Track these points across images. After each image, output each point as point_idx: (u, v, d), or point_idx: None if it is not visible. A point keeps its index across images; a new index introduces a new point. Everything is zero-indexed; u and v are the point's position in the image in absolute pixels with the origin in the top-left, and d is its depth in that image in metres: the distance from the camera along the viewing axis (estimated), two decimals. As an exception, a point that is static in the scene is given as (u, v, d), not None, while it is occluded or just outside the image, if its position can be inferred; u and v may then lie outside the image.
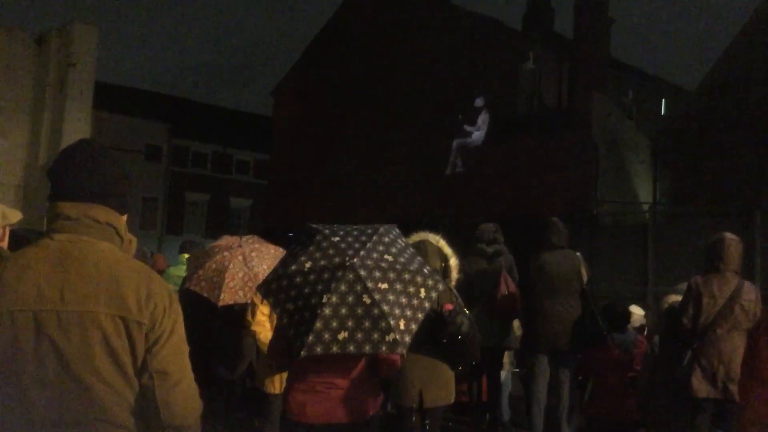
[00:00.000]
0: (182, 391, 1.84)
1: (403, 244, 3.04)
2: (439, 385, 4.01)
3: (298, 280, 2.84)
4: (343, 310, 2.72)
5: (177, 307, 1.87)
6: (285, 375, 3.46)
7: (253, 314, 4.73)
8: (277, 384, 4.60)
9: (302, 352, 2.69)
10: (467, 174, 18.33)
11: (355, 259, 2.81)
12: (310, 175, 23.98)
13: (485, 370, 6.27)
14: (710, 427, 4.63)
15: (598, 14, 20.44)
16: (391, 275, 2.81)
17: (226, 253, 5.06)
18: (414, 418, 4.06)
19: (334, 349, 2.71)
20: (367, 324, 2.73)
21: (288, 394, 3.14)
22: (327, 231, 2.97)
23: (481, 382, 6.38)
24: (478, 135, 18.19)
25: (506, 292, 5.95)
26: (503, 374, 6.71)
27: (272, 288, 2.91)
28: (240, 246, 5.14)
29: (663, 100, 25.25)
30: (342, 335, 2.71)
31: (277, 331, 3.23)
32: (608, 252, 13.22)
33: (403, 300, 2.78)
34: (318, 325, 2.68)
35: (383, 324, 2.70)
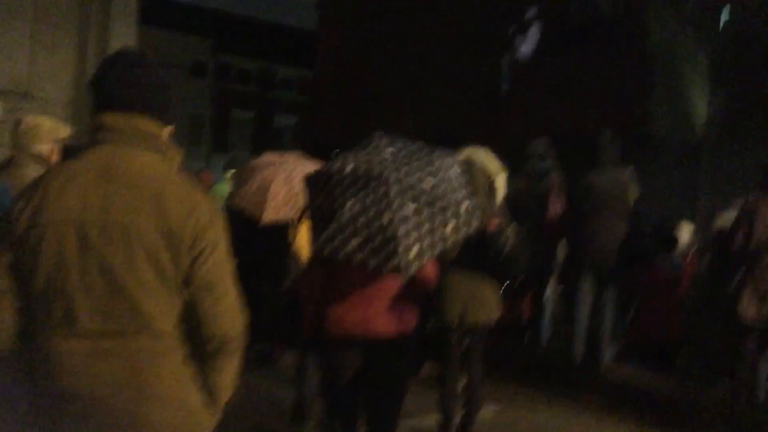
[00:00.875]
0: (227, 304, 1.84)
1: (453, 174, 2.94)
2: (482, 302, 4.00)
3: (335, 179, 2.85)
4: (362, 219, 2.72)
5: (220, 222, 1.86)
6: None
7: (296, 233, 4.76)
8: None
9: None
10: (516, 90, 17.89)
11: (393, 174, 2.77)
12: (355, 92, 23.72)
13: (529, 289, 6.26)
14: (757, 351, 4.57)
15: None
16: (423, 199, 2.76)
17: (269, 171, 5.05)
18: (456, 336, 4.08)
19: (342, 254, 2.74)
20: (378, 240, 2.71)
21: (324, 309, 3.14)
22: (384, 141, 2.94)
23: (524, 302, 6.38)
24: (528, 48, 17.63)
25: (556, 212, 5.87)
26: (546, 292, 6.69)
27: (313, 181, 2.95)
28: (283, 163, 5.13)
29: (724, 10, 23.92)
30: (352, 244, 2.72)
31: (313, 262, 3.26)
32: (660, 168, 12.88)
33: (425, 228, 2.74)
34: (333, 227, 2.71)
35: (393, 246, 2.69)
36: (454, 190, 2.88)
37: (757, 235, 4.43)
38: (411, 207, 2.74)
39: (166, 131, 1.91)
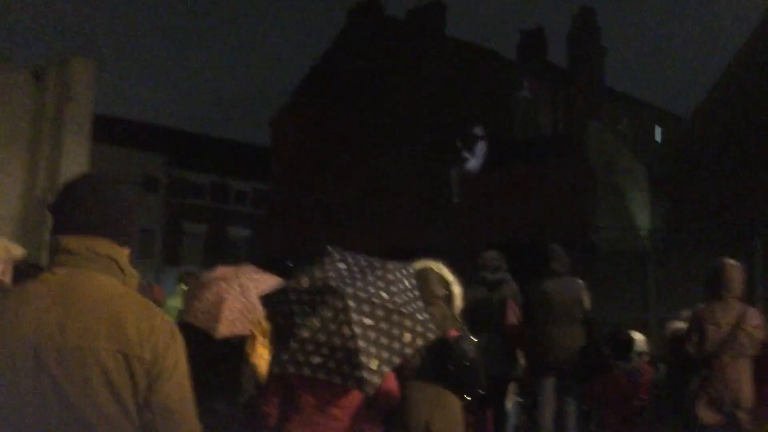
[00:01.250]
0: (186, 427, 1.79)
1: (408, 285, 2.99)
2: (446, 415, 3.91)
3: (292, 296, 2.86)
4: (322, 337, 2.72)
5: (180, 342, 1.83)
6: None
7: (253, 346, 4.65)
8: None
9: (274, 368, 2.74)
10: (465, 202, 18.34)
11: (348, 288, 2.79)
12: (309, 204, 23.99)
13: (491, 400, 6.17)
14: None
15: (591, 43, 20.69)
16: (379, 312, 2.78)
17: (222, 284, 4.99)
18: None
19: (306, 371, 2.72)
20: (339, 355, 2.72)
21: (284, 427, 3.06)
22: (337, 255, 2.97)
23: (487, 413, 6.27)
24: (475, 162, 18.25)
25: (514, 321, 5.89)
26: (508, 404, 6.61)
27: (272, 300, 2.95)
28: (237, 276, 5.07)
29: (657, 127, 25.42)
30: (315, 360, 2.72)
31: (273, 384, 3.20)
32: (608, 278, 13.17)
33: (384, 341, 2.75)
34: (294, 345, 2.70)
35: (355, 360, 2.69)
36: (409, 302, 2.91)
37: (710, 341, 4.53)
38: (369, 320, 2.75)
39: (125, 253, 1.90)
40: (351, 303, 2.74)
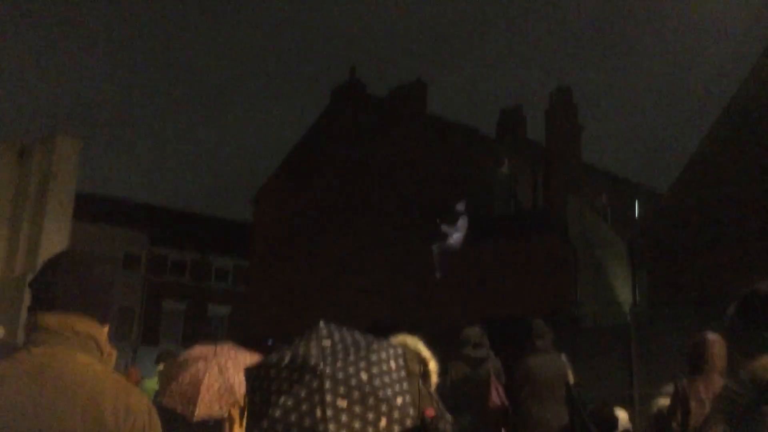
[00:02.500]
0: None
1: (393, 366, 2.91)
2: None
3: (272, 372, 2.79)
4: (293, 417, 2.65)
5: (157, 424, 1.81)
6: None
7: (231, 428, 4.54)
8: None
9: None
10: (448, 277, 18.35)
11: (327, 368, 2.73)
12: (290, 280, 23.85)
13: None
14: None
15: (568, 120, 21.25)
16: (356, 395, 2.71)
17: (200, 364, 4.90)
18: None
19: None
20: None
21: None
22: (324, 330, 2.91)
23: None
24: (457, 238, 18.37)
25: (497, 401, 5.80)
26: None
27: (253, 374, 2.86)
28: (215, 355, 4.99)
29: (636, 202, 25.86)
30: None
31: None
32: (590, 353, 13.10)
33: (357, 425, 2.66)
34: (264, 424, 2.63)
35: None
36: (390, 384, 2.83)
37: (694, 419, 4.49)
38: (343, 402, 2.68)
39: (104, 331, 1.88)
40: (327, 384, 2.68)
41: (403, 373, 2.90)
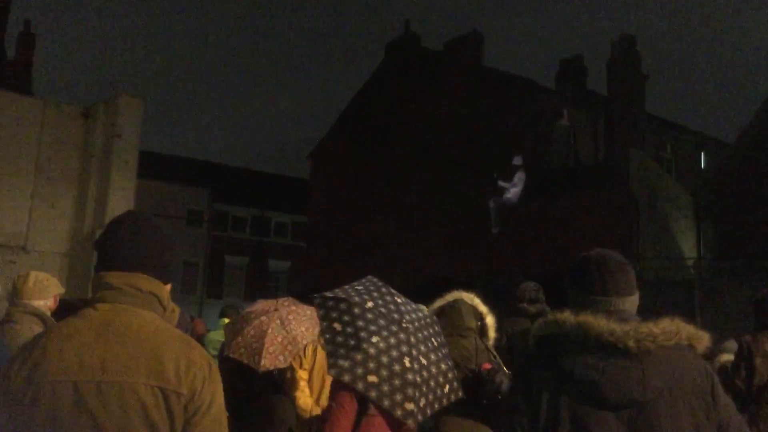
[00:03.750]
0: None
1: (442, 341, 3.10)
2: None
3: (356, 310, 2.87)
4: (384, 359, 2.75)
5: (217, 377, 1.86)
6: None
7: (293, 379, 4.68)
8: (317, 451, 4.51)
9: (331, 371, 2.75)
10: (504, 232, 18.22)
11: (410, 325, 2.88)
12: (347, 236, 24.09)
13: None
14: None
15: (632, 71, 20.53)
16: (432, 357, 2.89)
17: (263, 318, 5.04)
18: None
19: (359, 386, 2.72)
20: (396, 382, 2.74)
21: None
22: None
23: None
24: (514, 192, 18.15)
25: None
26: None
27: (329, 304, 2.93)
28: (276, 309, 5.12)
29: (702, 154, 24.97)
30: (371, 378, 2.72)
31: (345, 404, 3.15)
32: (653, 308, 12.88)
33: (433, 383, 2.83)
34: (358, 357, 2.73)
35: (410, 391, 2.73)
36: (447, 357, 3.02)
37: (758, 375, 4.39)
38: (426, 360, 2.84)
39: (166, 289, 1.95)
40: (413, 338, 2.83)
41: (446, 347, 3.05)
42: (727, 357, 4.74)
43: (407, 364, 2.74)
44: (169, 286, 1.97)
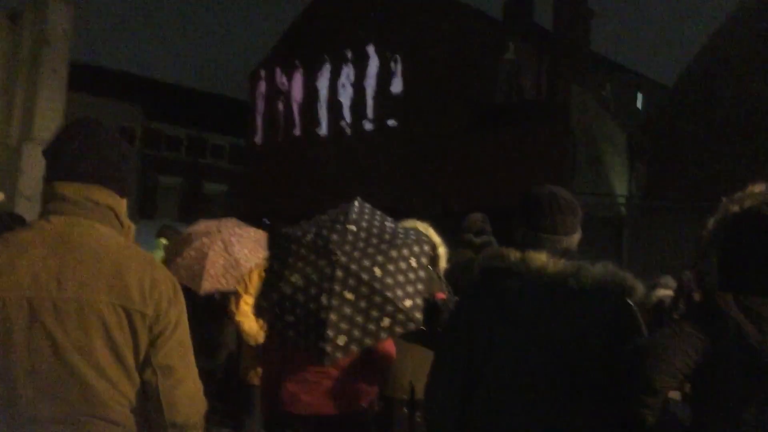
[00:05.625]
0: (187, 387, 1.74)
1: (413, 265, 2.83)
2: None
3: (293, 246, 2.75)
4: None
5: (181, 298, 1.77)
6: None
7: (237, 304, 4.61)
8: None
9: (325, 362, 2.63)
10: (445, 164, 18.31)
11: (343, 257, 2.69)
12: (287, 162, 23.78)
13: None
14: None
15: (578, 6, 20.50)
16: (363, 290, 2.67)
17: (205, 239, 4.93)
18: (405, 411, 3.98)
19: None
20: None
21: (277, 385, 3.04)
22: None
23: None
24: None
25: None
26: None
27: (264, 305, 2.79)
28: (219, 231, 5.01)
29: (640, 95, 25.45)
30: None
31: (272, 337, 3.16)
32: (582, 244, 13.28)
33: (359, 319, 2.66)
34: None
35: (322, 330, 2.60)
36: (402, 285, 2.76)
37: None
38: (350, 295, 2.65)
39: (123, 203, 1.82)
40: (339, 273, 2.65)
41: (421, 274, 2.83)
42: (663, 292, 4.90)
43: (323, 302, 2.61)
44: (125, 201, 1.83)
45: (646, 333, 2.14)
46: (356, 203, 3.00)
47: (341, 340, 2.61)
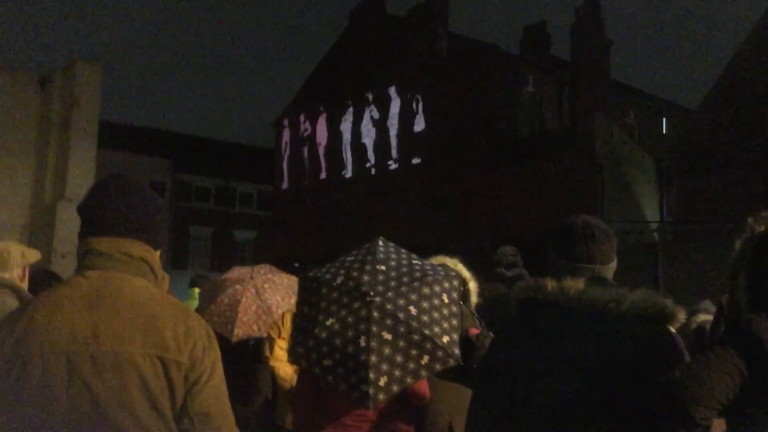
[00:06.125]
0: None
1: (445, 301, 2.81)
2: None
3: (323, 290, 2.73)
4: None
5: (216, 345, 1.78)
6: None
7: (271, 349, 4.60)
8: (297, 420, 4.47)
9: (369, 406, 2.58)
10: (471, 199, 18.28)
11: (377, 298, 2.66)
12: (315, 204, 23.95)
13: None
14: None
15: (595, 36, 20.58)
16: (401, 329, 2.64)
17: (238, 287, 4.95)
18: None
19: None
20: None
21: (313, 429, 3.02)
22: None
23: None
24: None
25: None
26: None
27: (300, 351, 2.74)
28: (252, 278, 5.03)
29: (664, 119, 25.29)
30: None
31: (305, 382, 3.13)
32: (617, 272, 13.09)
33: (399, 359, 2.64)
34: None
35: (364, 373, 2.58)
36: (438, 321, 2.74)
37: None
38: (388, 335, 2.63)
39: (157, 255, 1.84)
40: (375, 314, 2.62)
41: (454, 309, 2.81)
42: (704, 317, 4.79)
43: (362, 344, 2.58)
44: (159, 253, 1.86)
45: (688, 360, 2.08)
46: (380, 242, 2.98)
47: (383, 381, 2.59)
